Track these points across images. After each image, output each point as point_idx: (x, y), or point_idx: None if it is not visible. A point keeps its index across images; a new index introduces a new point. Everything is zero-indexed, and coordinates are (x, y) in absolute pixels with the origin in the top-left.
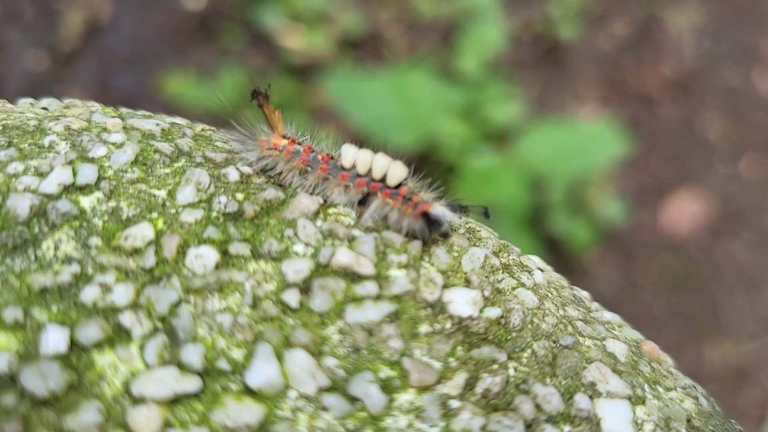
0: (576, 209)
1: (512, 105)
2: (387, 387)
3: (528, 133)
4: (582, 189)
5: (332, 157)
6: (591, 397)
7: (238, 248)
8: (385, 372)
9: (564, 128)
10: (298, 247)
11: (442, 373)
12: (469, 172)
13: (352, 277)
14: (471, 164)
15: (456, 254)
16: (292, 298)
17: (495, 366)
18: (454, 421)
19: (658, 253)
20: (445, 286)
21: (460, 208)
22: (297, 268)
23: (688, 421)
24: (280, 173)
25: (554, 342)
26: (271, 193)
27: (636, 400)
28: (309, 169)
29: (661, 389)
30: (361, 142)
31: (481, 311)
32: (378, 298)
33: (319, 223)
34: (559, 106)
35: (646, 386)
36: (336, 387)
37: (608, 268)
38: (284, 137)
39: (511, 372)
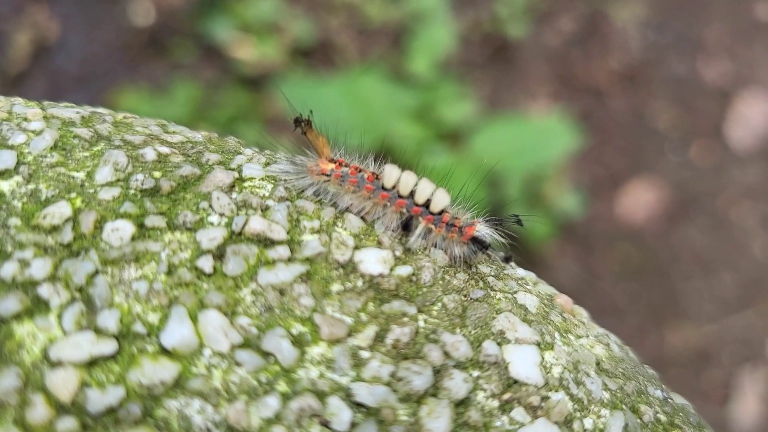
0: (533, 203)
1: (464, 104)
2: (298, 341)
3: (481, 131)
4: (538, 183)
5: (377, 177)
6: (499, 344)
7: (154, 221)
8: (297, 328)
9: (516, 124)
10: (213, 218)
11: (352, 326)
12: (424, 172)
13: (265, 242)
14: (426, 164)
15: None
16: (206, 264)
17: (405, 319)
18: (363, 369)
19: (615, 243)
20: (357, 248)
21: (497, 222)
22: (211, 237)
23: (598, 364)
24: (335, 199)
25: (465, 296)
26: (188, 169)
27: (545, 346)
28: (357, 189)
29: (571, 337)
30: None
31: (392, 269)
32: (290, 260)
33: (234, 195)
34: (511, 104)
35: (556, 334)
36: (249, 344)
37: (567, 260)
38: (331, 161)
39: (421, 324)
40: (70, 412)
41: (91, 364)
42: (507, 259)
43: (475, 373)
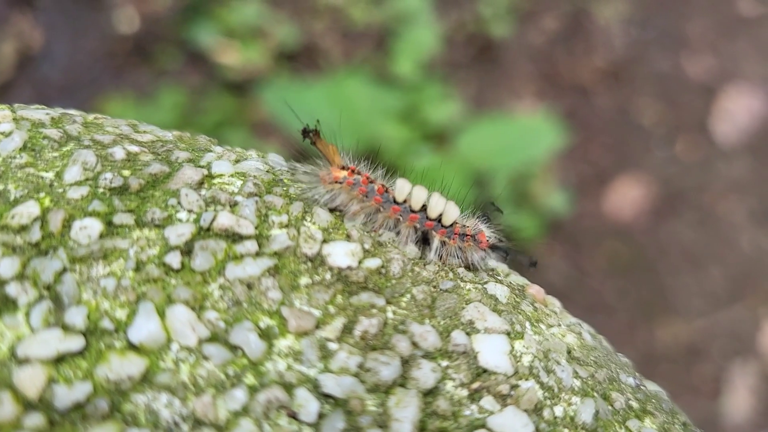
0: (520, 202)
1: (450, 105)
2: (266, 334)
3: (466, 131)
4: (524, 182)
5: (386, 190)
6: (468, 334)
7: (122, 218)
8: (265, 321)
9: (501, 124)
10: (181, 214)
11: (320, 319)
12: (410, 173)
13: (233, 237)
14: (412, 165)
15: (338, 213)
16: (174, 259)
17: (373, 310)
18: (331, 361)
19: (603, 240)
20: (325, 241)
21: (485, 218)
22: (179, 233)
23: (569, 352)
24: (345, 204)
25: (434, 287)
26: (156, 167)
27: (515, 336)
28: (365, 199)
29: (543, 326)
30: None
31: (360, 262)
32: (258, 255)
33: (203, 191)
34: (496, 103)
35: (527, 324)
36: (217, 337)
37: (556, 258)
38: (343, 168)
39: (390, 315)
40: (37, 408)
41: (59, 360)
42: (533, 264)
43: (444, 363)
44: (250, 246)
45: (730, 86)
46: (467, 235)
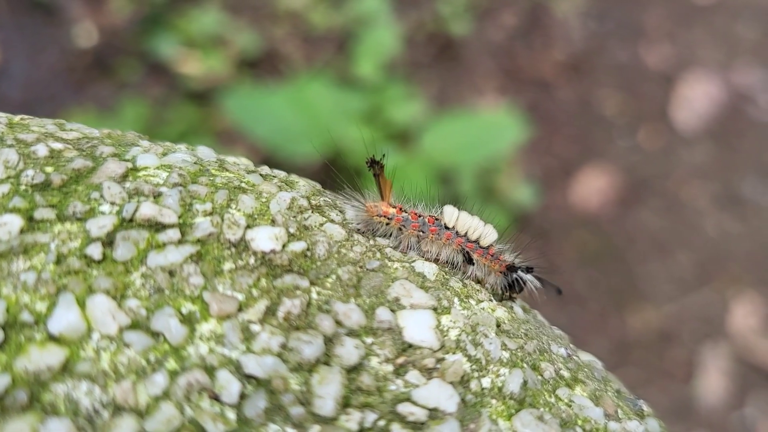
0: (487, 197)
1: (412, 104)
2: (188, 319)
3: (430, 130)
4: (490, 177)
5: (437, 219)
6: (393, 310)
7: (43, 213)
8: (187, 307)
9: (463, 120)
10: (104, 207)
11: (243, 302)
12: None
13: (156, 227)
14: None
15: (264, 199)
16: (95, 251)
17: (297, 292)
18: (253, 342)
19: (572, 231)
20: (249, 227)
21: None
22: (101, 225)
23: (498, 326)
24: (397, 241)
25: (360, 267)
26: (80, 162)
27: (441, 311)
28: (421, 233)
29: (472, 301)
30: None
31: (284, 246)
32: (180, 242)
33: (126, 184)
34: (459, 100)
35: (455, 299)
36: (138, 325)
37: (525, 252)
38: (392, 206)
39: (314, 296)
40: None
41: None
42: (559, 292)
43: (369, 340)
44: (173, 234)
45: (688, 74)
46: (498, 260)
